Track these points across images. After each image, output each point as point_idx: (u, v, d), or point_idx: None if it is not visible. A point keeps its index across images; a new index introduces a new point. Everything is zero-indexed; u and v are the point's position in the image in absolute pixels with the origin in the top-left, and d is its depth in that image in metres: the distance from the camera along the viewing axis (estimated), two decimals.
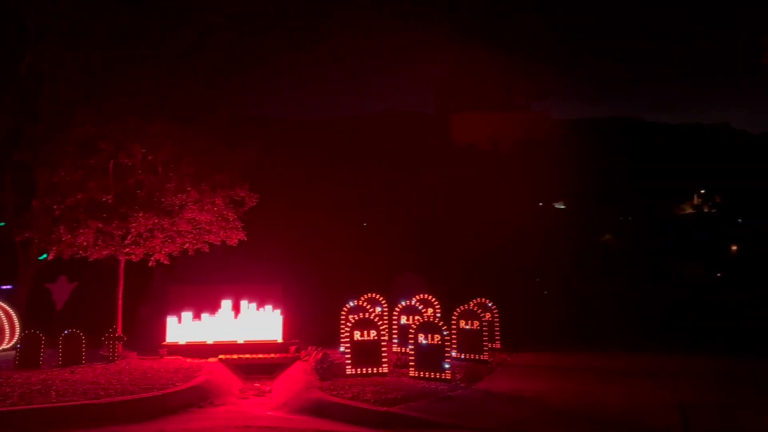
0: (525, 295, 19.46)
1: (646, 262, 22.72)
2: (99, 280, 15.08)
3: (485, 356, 12.36)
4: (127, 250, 13.28)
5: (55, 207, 12.77)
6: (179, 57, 13.67)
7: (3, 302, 15.06)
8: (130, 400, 9.26)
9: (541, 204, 23.64)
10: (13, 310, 15.00)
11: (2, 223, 16.61)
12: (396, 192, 20.87)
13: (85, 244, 12.85)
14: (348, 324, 11.68)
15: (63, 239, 12.73)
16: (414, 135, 22.82)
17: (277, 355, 13.81)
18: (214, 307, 14.32)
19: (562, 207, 24.03)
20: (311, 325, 15.73)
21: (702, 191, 32.46)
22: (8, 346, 14.68)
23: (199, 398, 10.19)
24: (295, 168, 20.68)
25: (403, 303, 13.75)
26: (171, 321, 14.11)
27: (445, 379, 10.46)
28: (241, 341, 14.14)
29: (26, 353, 12.44)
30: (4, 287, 16.85)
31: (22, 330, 14.82)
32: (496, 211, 20.64)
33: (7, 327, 14.83)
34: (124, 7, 13.62)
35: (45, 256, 14.58)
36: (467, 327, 12.53)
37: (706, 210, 32.89)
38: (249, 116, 15.78)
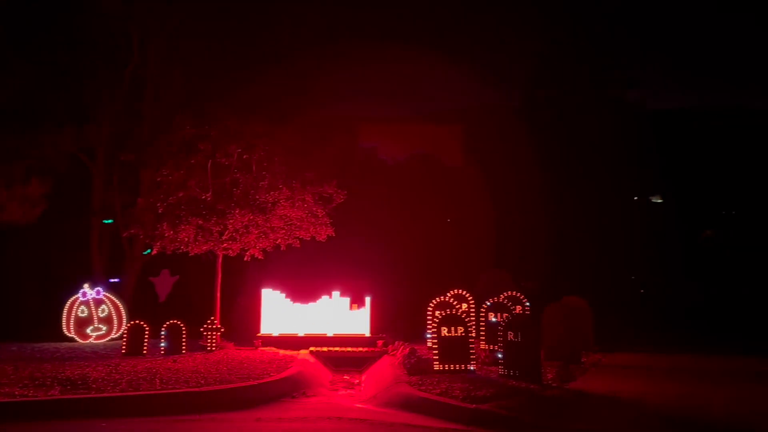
0: (619, 293, 18.72)
1: (752, 259, 21.27)
2: (198, 273, 15.85)
3: (578, 356, 12.00)
4: (225, 245, 13.90)
5: (158, 204, 13.54)
6: (270, 60, 14.13)
7: (111, 294, 16.13)
8: (229, 388, 9.66)
9: (636, 198, 22.60)
10: (120, 302, 16.03)
11: (110, 221, 17.79)
12: (482, 188, 20.60)
13: (186, 239, 13.55)
14: (435, 320, 11.68)
15: (166, 235, 13.48)
16: (496, 129, 22.28)
17: (365, 349, 14.04)
18: (304, 301, 14.78)
19: (659, 201, 22.88)
20: (397, 320, 15.87)
21: None
22: (116, 335, 15.71)
23: (292, 388, 10.51)
24: (380, 164, 20.84)
25: (491, 300, 13.58)
26: (264, 314, 14.69)
27: (535, 378, 10.24)
28: (330, 334, 14.49)
29: (132, 343, 13.27)
30: (113, 280, 18.03)
31: (129, 320, 15.82)
32: (587, 205, 19.96)
33: (115, 318, 15.88)
34: (219, 17, 14.25)
35: (149, 251, 15.50)
36: (558, 325, 12.20)
37: None
38: (336, 116, 16.09)
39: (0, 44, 14.57)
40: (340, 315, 14.64)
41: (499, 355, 10.81)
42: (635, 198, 22.59)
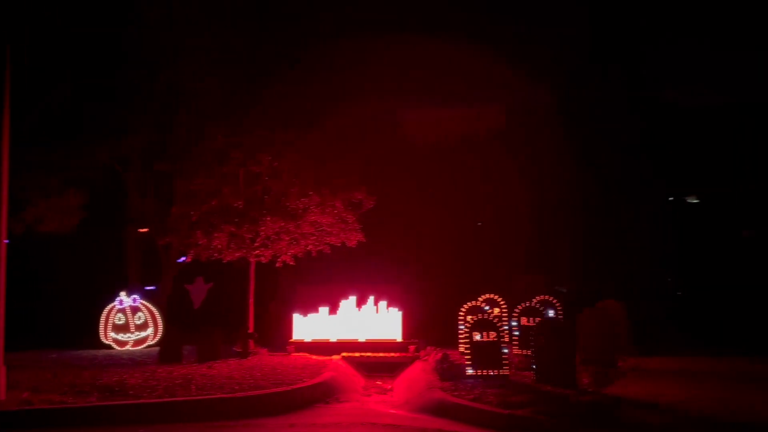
0: (657, 296, 18.33)
1: None
2: (232, 281, 16.01)
3: (615, 360, 11.78)
4: (257, 252, 14.04)
5: (192, 213, 13.73)
6: (300, 67, 14.26)
7: (147, 302, 16.42)
8: (262, 394, 9.74)
9: (671, 199, 22.10)
10: (156, 309, 16.30)
11: (146, 229, 18.09)
12: (513, 190, 20.37)
13: (219, 246, 13.73)
14: (467, 325, 11.59)
15: (200, 243, 13.67)
16: (529, 130, 21.94)
17: (397, 354, 14.02)
18: (336, 307, 14.83)
19: (696, 201, 22.32)
20: (429, 326, 15.77)
21: None
22: (153, 342, 15.99)
23: (324, 394, 10.54)
24: (409, 170, 20.76)
25: (524, 304, 13.42)
26: (297, 320, 14.78)
27: (571, 383, 10.08)
28: (362, 340, 14.49)
29: (168, 349, 13.46)
30: (148, 288, 18.33)
31: (165, 327, 16.09)
32: (622, 208, 19.62)
33: (151, 325, 16.16)
34: (249, 27, 14.44)
35: (183, 258, 15.72)
36: (594, 329, 12.00)
37: None
38: (364, 122, 16.09)
39: (36, 60, 14.94)
40: (371, 320, 14.64)
41: (533, 360, 10.69)
42: (670, 199, 22.07)
